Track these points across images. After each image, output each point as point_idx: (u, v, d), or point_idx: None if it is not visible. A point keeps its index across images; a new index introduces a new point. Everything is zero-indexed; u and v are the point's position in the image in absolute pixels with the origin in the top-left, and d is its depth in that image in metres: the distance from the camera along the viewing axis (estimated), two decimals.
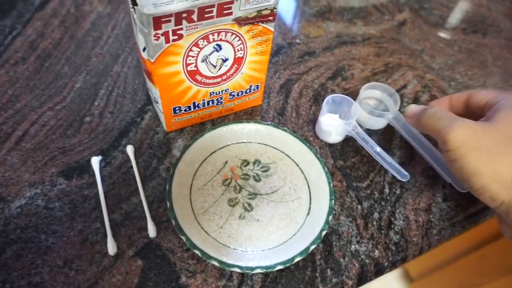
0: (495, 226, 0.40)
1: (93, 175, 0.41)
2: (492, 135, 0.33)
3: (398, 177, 0.42)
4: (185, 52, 0.36)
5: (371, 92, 0.50)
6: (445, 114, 0.36)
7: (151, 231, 0.37)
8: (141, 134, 0.45)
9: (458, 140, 0.33)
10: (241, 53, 0.40)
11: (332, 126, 0.44)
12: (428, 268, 1.02)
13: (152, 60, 0.35)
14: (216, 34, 0.36)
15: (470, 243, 0.84)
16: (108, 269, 0.35)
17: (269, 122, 0.45)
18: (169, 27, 0.33)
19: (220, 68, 0.40)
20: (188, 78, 0.39)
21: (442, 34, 0.64)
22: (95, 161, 0.41)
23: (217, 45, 0.38)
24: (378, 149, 0.43)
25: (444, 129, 0.34)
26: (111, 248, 0.36)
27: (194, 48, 0.36)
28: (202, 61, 0.38)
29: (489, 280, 0.81)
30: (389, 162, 0.42)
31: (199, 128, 0.46)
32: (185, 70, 0.38)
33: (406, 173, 0.42)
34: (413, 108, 0.41)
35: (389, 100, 0.49)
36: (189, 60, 0.37)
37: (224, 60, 0.40)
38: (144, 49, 0.35)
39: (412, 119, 0.41)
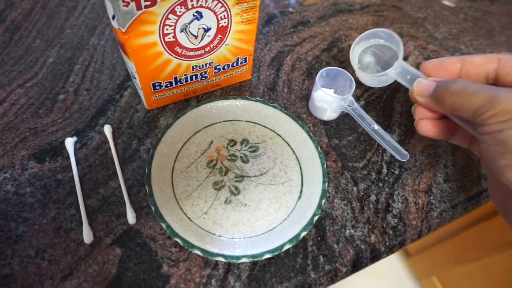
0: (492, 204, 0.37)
1: (68, 157, 0.38)
2: None
3: (397, 157, 0.39)
4: (161, 21, 0.32)
5: (366, 44, 0.45)
6: (478, 87, 0.29)
7: (130, 217, 0.35)
8: (120, 112, 0.42)
9: (510, 110, 0.27)
10: (225, 22, 0.36)
11: (327, 102, 0.41)
12: (426, 243, 1.02)
13: (124, 30, 0.31)
14: None
15: (468, 219, 0.84)
16: (84, 258, 0.33)
17: (258, 98, 0.41)
18: None
19: (202, 39, 0.36)
20: (166, 50, 0.35)
21: (446, 1, 0.60)
22: (70, 143, 0.38)
23: (197, 12, 0.34)
24: (376, 126, 0.40)
25: (487, 105, 0.28)
26: (87, 236, 0.34)
27: (171, 16, 0.32)
28: (181, 30, 0.34)
29: (486, 255, 0.81)
30: (387, 141, 0.39)
31: (183, 105, 0.43)
32: (163, 41, 0.34)
33: (405, 152, 0.39)
34: (424, 83, 0.33)
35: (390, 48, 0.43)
36: (166, 29, 0.33)
37: (206, 30, 0.36)
38: (113, 17, 0.31)
39: (427, 99, 0.33)
